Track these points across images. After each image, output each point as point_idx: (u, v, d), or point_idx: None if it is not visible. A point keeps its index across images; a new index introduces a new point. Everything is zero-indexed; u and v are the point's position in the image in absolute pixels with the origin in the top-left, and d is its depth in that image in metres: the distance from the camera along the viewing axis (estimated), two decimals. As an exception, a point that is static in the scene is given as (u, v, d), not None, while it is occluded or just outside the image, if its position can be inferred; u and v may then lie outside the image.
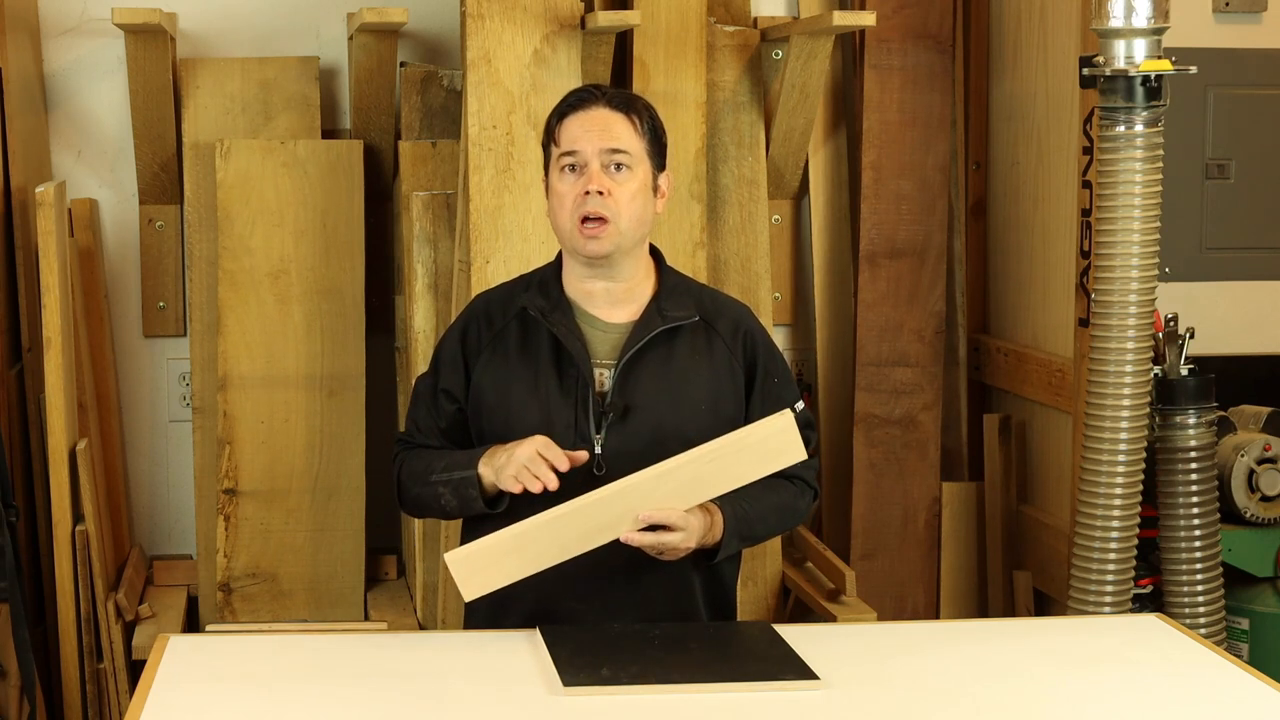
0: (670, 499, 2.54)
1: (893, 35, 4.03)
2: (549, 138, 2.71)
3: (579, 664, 2.43)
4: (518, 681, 2.41)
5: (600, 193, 2.62)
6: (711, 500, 2.64)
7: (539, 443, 2.58)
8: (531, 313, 2.69)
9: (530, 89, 3.63)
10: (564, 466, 2.55)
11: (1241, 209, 3.96)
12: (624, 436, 2.65)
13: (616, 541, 2.57)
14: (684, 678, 2.40)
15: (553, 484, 2.54)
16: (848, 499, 4.06)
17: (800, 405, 2.80)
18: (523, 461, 2.56)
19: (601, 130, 2.65)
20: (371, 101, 3.91)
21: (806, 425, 2.80)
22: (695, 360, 2.71)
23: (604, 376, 2.68)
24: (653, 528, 2.55)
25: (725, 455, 2.55)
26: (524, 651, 2.52)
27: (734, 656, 2.54)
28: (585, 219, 2.63)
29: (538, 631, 2.58)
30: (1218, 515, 3.54)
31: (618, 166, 2.64)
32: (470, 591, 2.58)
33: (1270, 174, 3.96)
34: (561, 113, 2.70)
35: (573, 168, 2.65)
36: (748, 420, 2.73)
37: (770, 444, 2.56)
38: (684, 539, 2.57)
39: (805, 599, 3.73)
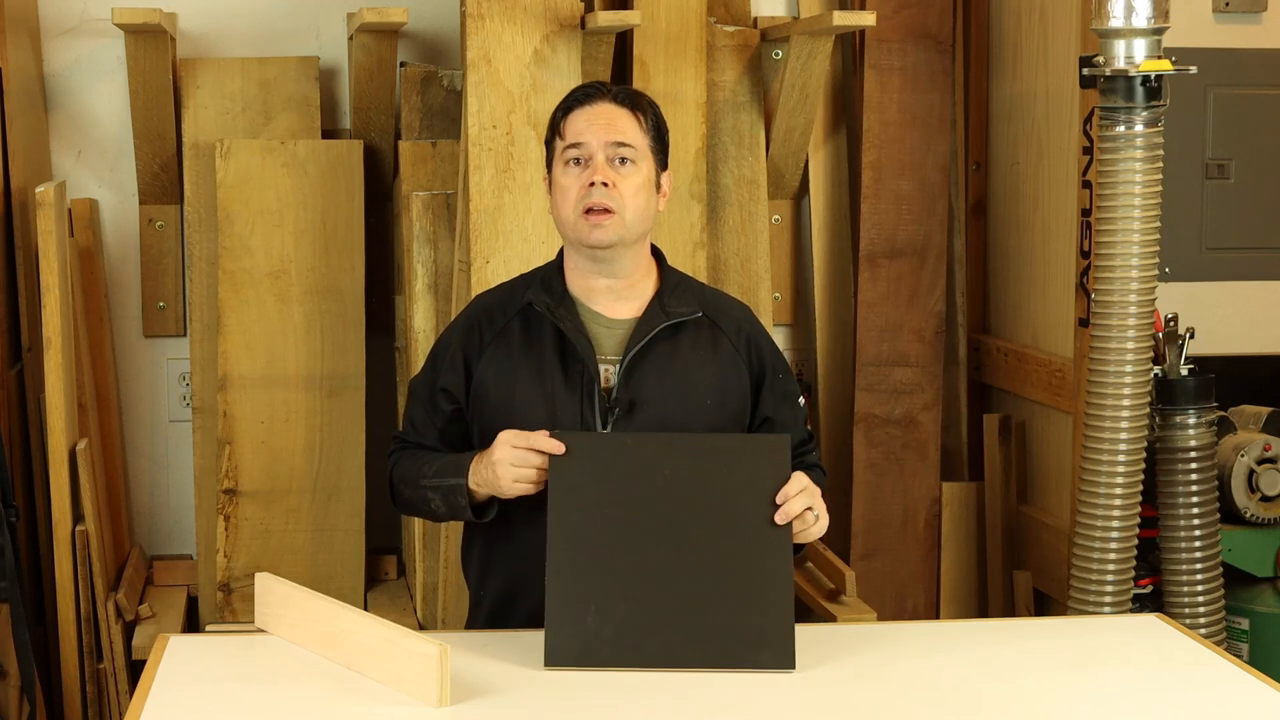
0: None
1: (893, 35, 4.03)
2: (553, 132, 2.71)
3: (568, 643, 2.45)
4: (518, 680, 2.41)
5: (605, 184, 2.62)
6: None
7: (508, 439, 2.56)
8: (537, 308, 2.70)
9: (530, 89, 3.63)
10: (541, 444, 2.53)
11: (1241, 209, 3.96)
12: (631, 432, 2.66)
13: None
14: (666, 661, 2.42)
15: (541, 460, 2.52)
16: (848, 499, 4.06)
17: (801, 400, 2.84)
18: (510, 464, 2.55)
19: (607, 124, 2.66)
20: (371, 101, 3.91)
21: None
22: (700, 356, 2.72)
23: (609, 372, 2.68)
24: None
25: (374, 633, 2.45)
26: (524, 652, 2.52)
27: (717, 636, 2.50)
28: (589, 210, 2.63)
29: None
30: (1218, 515, 3.54)
31: (622, 160, 2.65)
32: (259, 618, 2.62)
33: (1270, 174, 3.96)
34: (567, 107, 2.70)
35: (577, 161, 2.66)
36: (757, 414, 2.75)
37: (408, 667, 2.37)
38: (809, 494, 2.53)
39: (805, 599, 3.73)
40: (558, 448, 2.51)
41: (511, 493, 2.57)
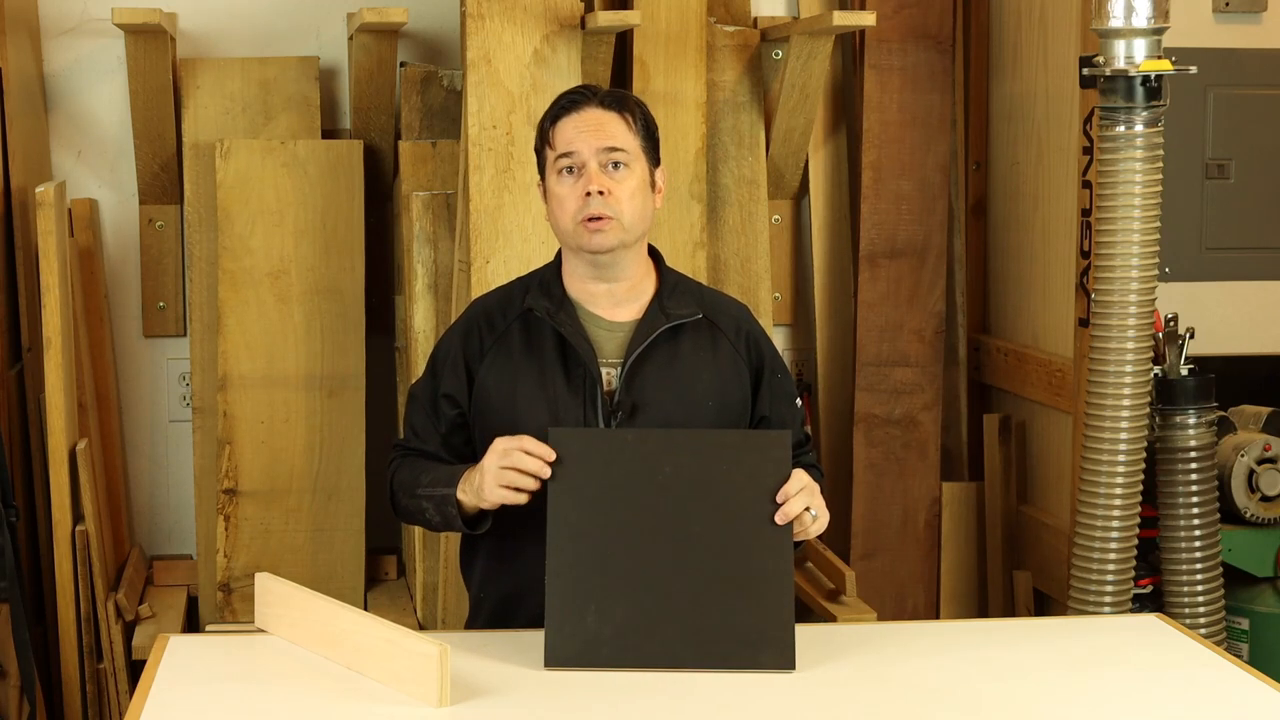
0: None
1: (893, 35, 4.03)
2: (542, 141, 2.71)
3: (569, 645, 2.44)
4: (518, 680, 2.41)
5: (601, 192, 2.62)
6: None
7: (501, 445, 2.53)
8: (537, 313, 2.69)
9: (530, 89, 3.63)
10: (533, 448, 2.50)
11: (1241, 209, 3.96)
12: (631, 428, 2.65)
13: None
14: (669, 660, 2.42)
15: (535, 465, 2.49)
16: (848, 499, 4.06)
17: (799, 402, 2.85)
18: (496, 468, 2.52)
19: (596, 129, 2.65)
20: (371, 101, 3.91)
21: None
22: (700, 357, 2.72)
23: (611, 375, 2.68)
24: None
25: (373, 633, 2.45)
26: (524, 652, 2.52)
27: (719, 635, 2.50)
28: (588, 219, 2.63)
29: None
30: (1218, 515, 3.54)
31: (615, 165, 2.65)
32: (259, 618, 2.61)
33: (1270, 174, 3.96)
34: (555, 115, 2.69)
35: (570, 170, 2.66)
36: (755, 412, 2.75)
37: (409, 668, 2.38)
38: (808, 493, 2.52)
39: (805, 599, 3.73)
40: (546, 452, 2.49)
41: (493, 498, 2.53)
